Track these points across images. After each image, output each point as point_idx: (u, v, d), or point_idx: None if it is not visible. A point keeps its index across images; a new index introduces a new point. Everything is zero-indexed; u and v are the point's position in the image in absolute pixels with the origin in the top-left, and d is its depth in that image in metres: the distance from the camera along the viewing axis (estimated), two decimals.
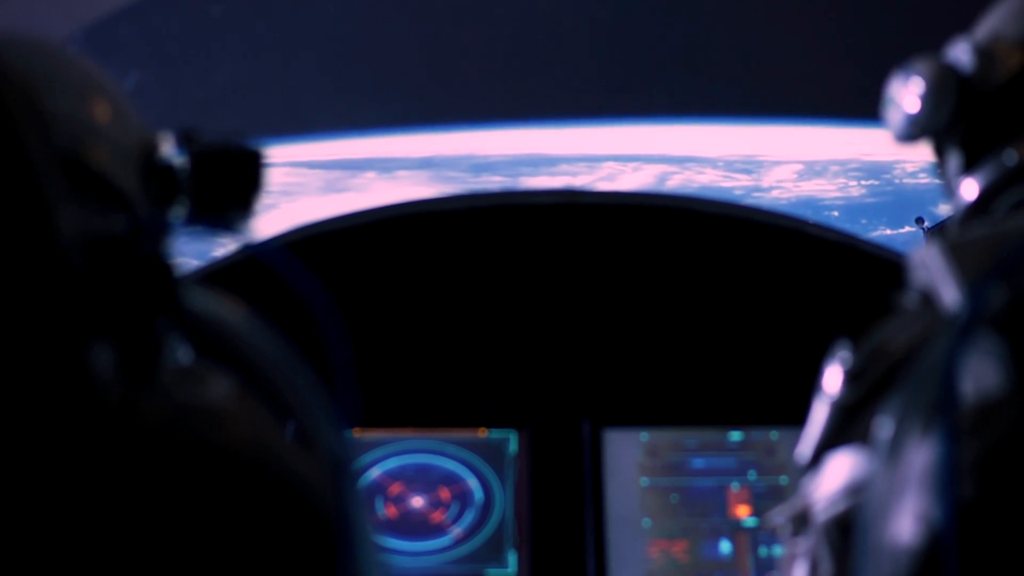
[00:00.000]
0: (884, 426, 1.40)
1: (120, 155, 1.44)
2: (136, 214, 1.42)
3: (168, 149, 1.51)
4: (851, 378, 1.66)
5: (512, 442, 3.27)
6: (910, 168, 30.47)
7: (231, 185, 1.49)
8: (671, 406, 3.31)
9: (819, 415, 1.70)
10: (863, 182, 30.91)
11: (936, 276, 1.48)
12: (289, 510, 1.35)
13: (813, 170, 31.12)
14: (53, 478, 1.21)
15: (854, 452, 1.60)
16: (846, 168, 30.68)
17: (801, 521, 1.68)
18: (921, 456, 1.39)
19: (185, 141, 1.49)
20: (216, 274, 3.11)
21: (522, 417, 3.29)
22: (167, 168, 1.49)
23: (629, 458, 3.22)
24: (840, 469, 1.61)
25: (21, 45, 1.45)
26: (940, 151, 1.82)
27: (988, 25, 1.82)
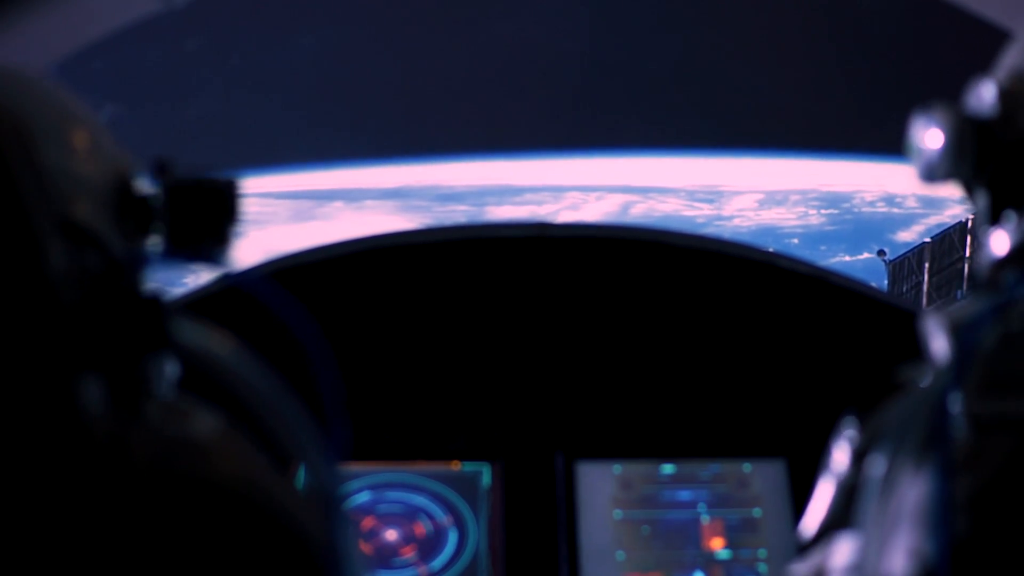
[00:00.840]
0: (876, 463, 1.39)
1: (95, 192, 1.38)
2: (110, 249, 1.38)
3: (143, 180, 1.46)
4: (857, 458, 1.62)
5: (485, 475, 3.20)
6: (869, 197, 30.72)
7: (206, 217, 1.44)
8: (644, 439, 3.24)
9: (825, 493, 1.67)
10: (823, 211, 31.16)
11: (932, 337, 1.49)
12: (279, 544, 1.34)
13: (774, 199, 31.30)
14: (43, 512, 1.20)
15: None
16: (806, 197, 30.87)
17: None
18: (914, 492, 1.39)
19: (159, 173, 1.44)
20: (192, 305, 3.03)
21: (495, 450, 3.23)
22: (142, 200, 1.44)
23: (602, 491, 3.15)
24: (847, 550, 1.59)
25: (2, 78, 1.40)
26: (969, 190, 1.71)
27: (1008, 64, 1.71)
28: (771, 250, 3.35)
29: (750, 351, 3.29)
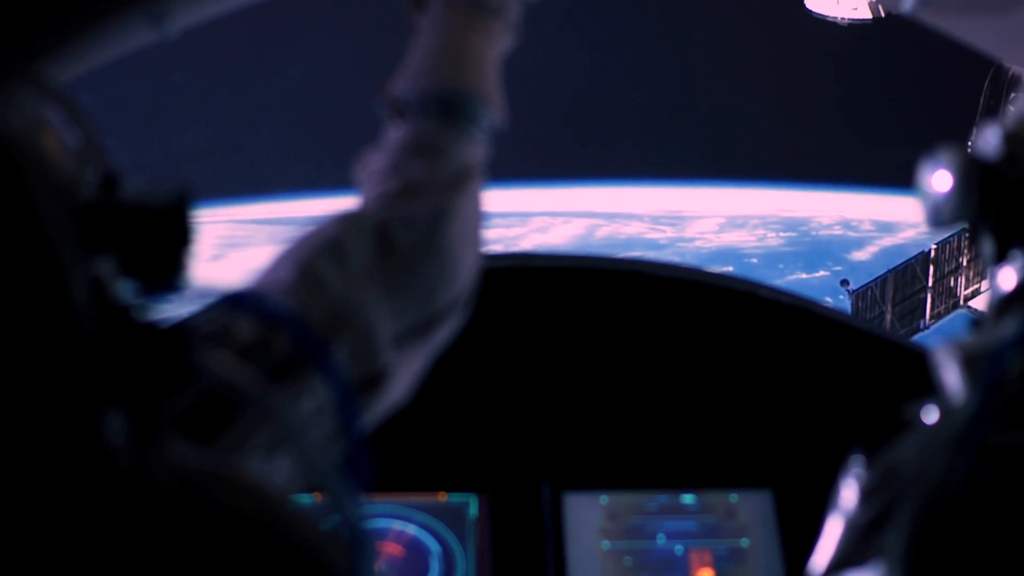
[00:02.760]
0: (894, 541, 1.36)
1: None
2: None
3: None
4: (865, 496, 1.54)
5: (472, 506, 3.08)
6: (825, 221, 30.96)
7: (155, 246, 1.24)
8: (631, 469, 3.12)
9: (834, 531, 1.59)
10: (781, 234, 31.34)
11: (945, 375, 1.45)
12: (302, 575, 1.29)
13: (734, 223, 31.43)
14: (68, 545, 1.15)
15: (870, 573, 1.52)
16: (765, 222, 31.08)
17: None
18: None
19: (105, 189, 1.26)
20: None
21: (482, 481, 3.10)
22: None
23: (590, 522, 3.02)
24: None
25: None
26: (975, 234, 1.66)
27: (1017, 110, 1.67)
28: (730, 269, 3.25)
29: (736, 382, 3.18)
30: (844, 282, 19.53)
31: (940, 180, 1.62)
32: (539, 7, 1.93)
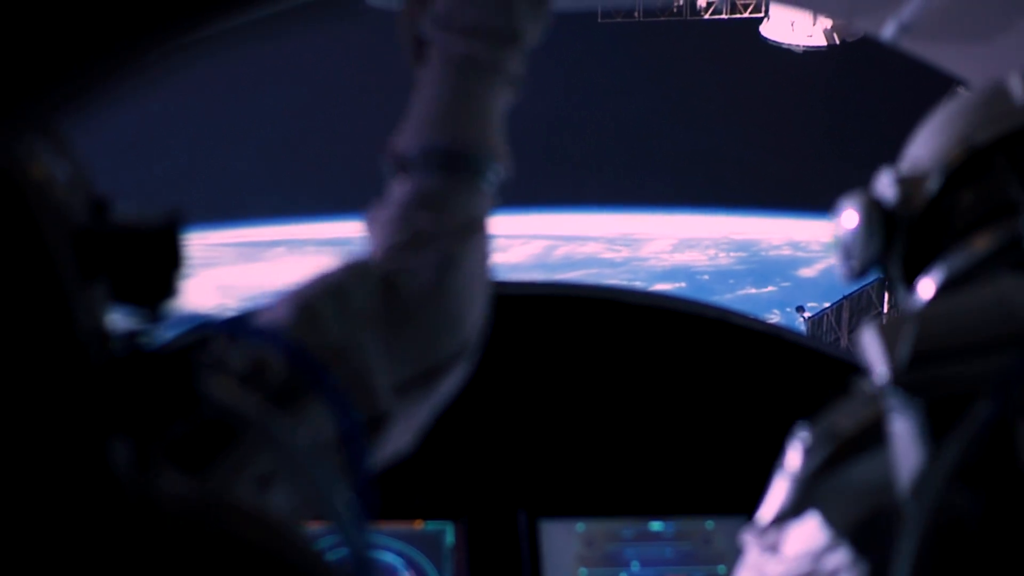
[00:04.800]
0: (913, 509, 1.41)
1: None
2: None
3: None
4: (806, 454, 1.70)
5: (449, 534, 3.00)
6: (775, 242, 31.20)
7: (149, 269, 1.19)
8: (607, 497, 3.04)
9: (779, 488, 1.74)
10: (732, 253, 31.52)
11: (870, 354, 1.52)
12: None
13: (687, 244, 31.60)
14: (78, 573, 1.12)
15: (813, 518, 1.67)
16: (717, 243, 31.29)
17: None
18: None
19: (97, 213, 1.19)
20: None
21: (458, 509, 3.01)
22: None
23: (566, 549, 2.94)
24: (804, 537, 1.68)
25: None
26: (889, 278, 1.81)
27: (908, 151, 1.83)
28: (683, 285, 3.20)
29: (711, 409, 3.11)
30: (800, 308, 19.58)
31: (847, 219, 1.77)
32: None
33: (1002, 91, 1.76)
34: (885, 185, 1.76)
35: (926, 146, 1.78)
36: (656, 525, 2.99)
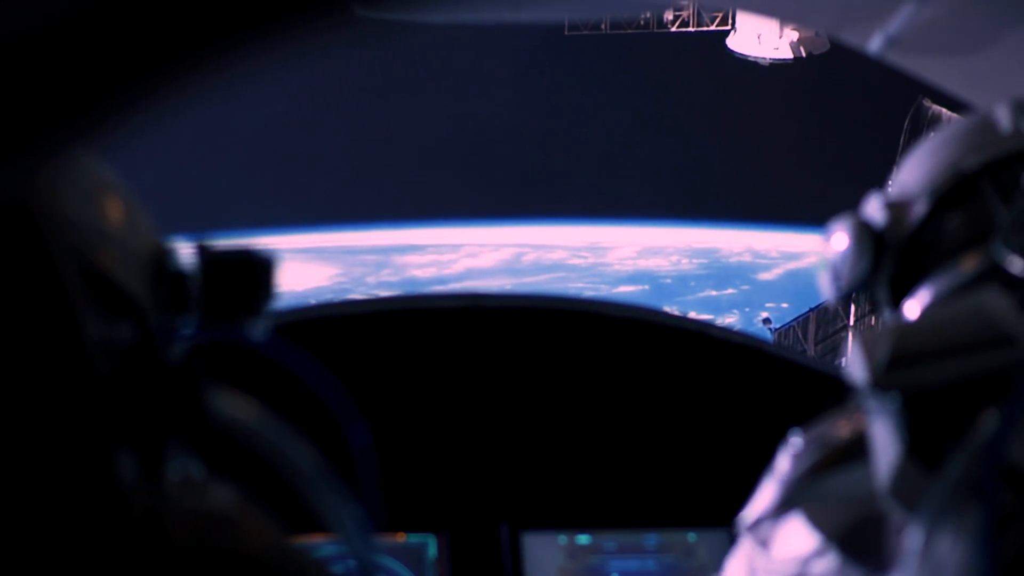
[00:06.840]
0: (914, 535, 1.38)
1: (131, 259, 1.27)
2: (148, 320, 1.27)
3: (179, 255, 1.34)
4: (795, 458, 1.72)
5: (431, 546, 2.94)
6: (736, 250, 31.39)
7: (243, 293, 1.34)
8: (589, 509, 2.99)
9: (768, 490, 1.76)
10: (694, 260, 31.67)
11: (852, 364, 1.52)
12: None
13: (651, 251, 31.75)
14: None
15: (799, 519, 1.68)
16: (680, 251, 31.47)
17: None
18: (955, 557, 1.38)
19: (199, 250, 1.33)
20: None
21: (441, 521, 2.95)
22: (178, 275, 1.32)
23: (549, 562, 2.89)
24: (792, 538, 1.68)
25: None
26: (875, 299, 1.81)
27: (897, 178, 1.84)
28: (646, 288, 3.16)
29: (692, 421, 3.06)
30: (767, 320, 19.58)
31: (837, 240, 1.78)
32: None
33: (989, 120, 1.78)
34: (874, 208, 1.78)
35: (914, 173, 1.80)
36: (638, 537, 2.93)
